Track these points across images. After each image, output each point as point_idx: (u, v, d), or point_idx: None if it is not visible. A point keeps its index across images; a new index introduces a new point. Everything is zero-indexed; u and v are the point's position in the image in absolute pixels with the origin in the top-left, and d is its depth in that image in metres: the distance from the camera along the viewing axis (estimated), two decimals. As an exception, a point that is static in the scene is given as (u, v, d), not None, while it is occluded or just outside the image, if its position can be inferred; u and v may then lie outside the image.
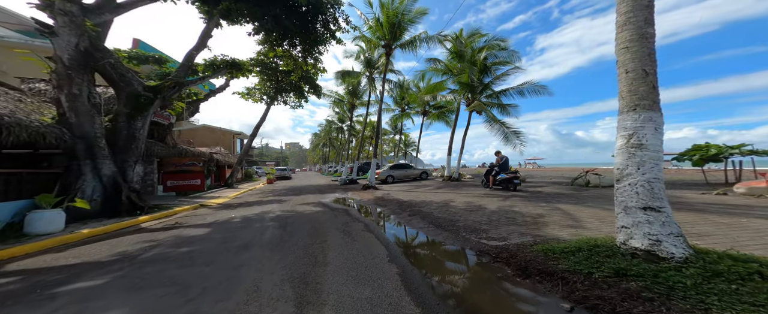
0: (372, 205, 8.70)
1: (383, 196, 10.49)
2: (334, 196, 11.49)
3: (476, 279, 3.01)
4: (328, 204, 9.03)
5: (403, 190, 12.09)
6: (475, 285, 2.84)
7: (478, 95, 12.64)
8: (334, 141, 46.65)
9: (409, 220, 5.97)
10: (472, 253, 3.68)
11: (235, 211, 8.10)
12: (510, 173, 8.63)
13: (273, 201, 10.54)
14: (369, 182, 13.40)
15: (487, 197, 8.01)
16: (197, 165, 12.09)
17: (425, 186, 13.13)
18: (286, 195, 12.71)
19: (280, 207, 8.79)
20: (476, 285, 2.84)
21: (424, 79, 17.70)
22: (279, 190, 15.39)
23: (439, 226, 5.14)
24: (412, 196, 9.71)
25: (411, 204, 8.03)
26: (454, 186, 11.69)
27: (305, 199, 10.64)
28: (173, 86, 8.66)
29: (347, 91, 23.40)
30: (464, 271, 3.24)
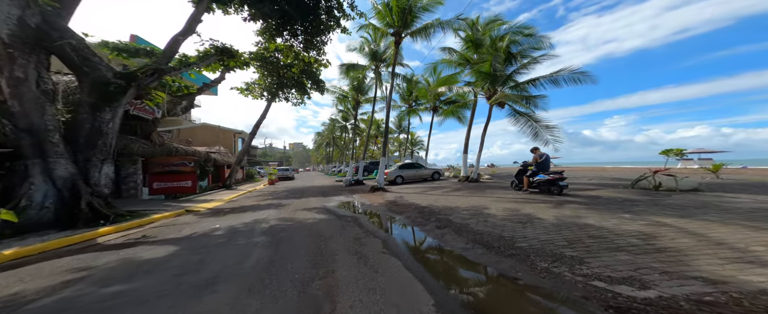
0: (385, 212, 7.23)
1: (396, 200, 9.02)
2: (339, 200, 10.04)
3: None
4: (334, 210, 7.58)
5: (416, 193, 10.61)
6: None
7: (500, 86, 11.07)
8: (337, 140, 45.23)
9: (441, 236, 4.49)
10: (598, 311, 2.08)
11: (222, 219, 6.68)
12: (553, 173, 7.05)
13: (271, 205, 9.13)
14: (377, 183, 11.94)
15: (529, 203, 6.47)
16: (188, 165, 10.75)
17: (440, 187, 11.63)
18: (287, 198, 11.31)
19: (278, 213, 7.36)
20: None
21: (435, 72, 16.20)
22: (279, 192, 14.00)
23: (489, 247, 3.66)
24: (431, 200, 8.23)
25: (433, 211, 6.54)
26: (475, 189, 10.16)
27: (307, 203, 9.21)
28: (152, 73, 7.28)
29: (351, 87, 21.97)
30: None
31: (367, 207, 8.07)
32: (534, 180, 7.55)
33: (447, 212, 6.21)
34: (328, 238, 4.54)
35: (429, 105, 19.55)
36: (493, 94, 11.20)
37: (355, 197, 10.67)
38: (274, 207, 8.56)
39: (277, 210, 7.90)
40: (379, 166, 12.43)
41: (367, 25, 14.51)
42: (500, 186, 10.57)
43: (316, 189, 15.12)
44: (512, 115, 10.94)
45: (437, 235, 4.53)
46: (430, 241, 4.35)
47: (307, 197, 11.24)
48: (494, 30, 12.57)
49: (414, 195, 9.99)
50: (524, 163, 8.37)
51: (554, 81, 9.99)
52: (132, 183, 9.35)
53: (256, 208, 8.52)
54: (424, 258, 3.67)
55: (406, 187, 13.11)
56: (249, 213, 7.53)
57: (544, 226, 4.37)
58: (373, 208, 7.88)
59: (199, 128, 24.78)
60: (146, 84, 7.19)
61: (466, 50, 13.49)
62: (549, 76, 9.95)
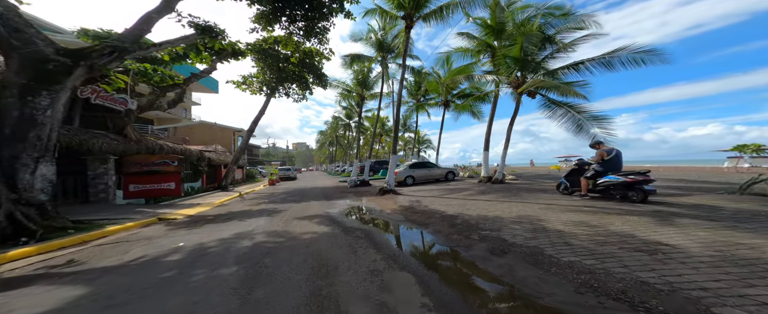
0: (403, 222, 5.60)
1: (412, 206, 7.39)
2: (344, 204, 8.44)
3: None
4: (338, 220, 5.97)
5: (434, 196, 8.95)
6: None
7: (531, 73, 9.31)
8: (340, 139, 43.66)
9: (509, 271, 2.81)
10: None
11: (195, 233, 5.10)
12: (633, 175, 5.23)
13: (263, 212, 7.55)
14: (387, 185, 10.32)
15: (609, 214, 4.67)
16: (171, 164, 9.22)
17: (460, 189, 9.96)
18: (285, 201, 9.73)
19: (268, 224, 5.77)
20: None
21: (448, 62, 14.52)
22: (278, 194, 12.44)
23: (642, 308, 2.01)
24: (458, 207, 6.58)
25: (469, 222, 4.90)
26: (505, 191, 8.44)
27: (307, 209, 7.62)
28: (110, 52, 5.72)
29: (356, 82, 20.36)
30: None
31: (378, 216, 6.44)
32: (600, 182, 5.78)
33: (489, 225, 4.55)
34: (331, 272, 2.93)
35: (440, 99, 17.87)
36: (521, 82, 9.48)
37: (363, 201, 9.06)
38: (267, 215, 6.98)
39: (269, 219, 6.32)
40: (389, 166, 10.81)
41: (374, 10, 12.89)
42: (536, 188, 8.80)
43: (319, 190, 13.53)
44: (547, 106, 9.19)
45: (502, 269, 2.87)
46: (501, 286, 2.63)
47: (307, 201, 9.65)
48: (517, 13, 10.86)
49: (432, 199, 8.34)
50: (580, 162, 6.59)
51: (607, 63, 8.02)
52: (102, 186, 7.85)
53: (245, 216, 6.94)
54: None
55: (419, 189, 11.46)
56: (233, 224, 5.95)
57: (700, 261, 2.66)
58: (386, 217, 6.25)
59: (196, 126, 23.37)
60: (102, 64, 5.63)
61: (486, 35, 11.79)
62: (600, 59, 8.04)
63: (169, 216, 6.75)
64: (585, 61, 8.50)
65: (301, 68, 16.56)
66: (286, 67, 16.53)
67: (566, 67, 8.85)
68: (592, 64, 8.24)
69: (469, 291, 2.46)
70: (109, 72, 6.45)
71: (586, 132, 8.02)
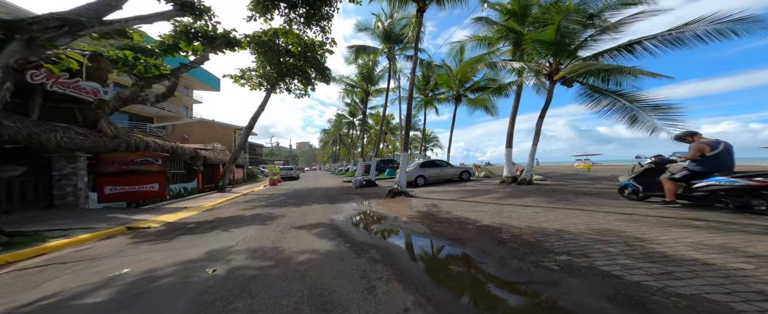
0: (429, 236, 4.31)
1: (432, 212, 6.11)
2: (350, 209, 7.17)
3: None
4: (345, 231, 4.71)
5: (454, 199, 7.65)
6: None
7: (567, 58, 7.87)
8: (344, 138, 42.42)
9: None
10: None
11: (157, 251, 3.87)
12: (762, 177, 3.77)
13: (256, 218, 6.33)
14: (398, 186, 9.04)
15: (746, 232, 3.18)
16: (154, 162, 8.05)
17: (482, 191, 8.64)
18: (283, 204, 8.52)
19: (259, 236, 4.54)
20: None
21: (461, 53, 13.20)
22: (277, 196, 11.24)
23: None
24: (494, 215, 5.27)
25: (523, 238, 3.61)
26: (542, 194, 6.99)
27: (308, 215, 6.38)
28: (58, 26, 4.51)
29: (360, 77, 19.09)
30: None
31: (393, 225, 5.16)
32: (699, 186, 4.30)
33: (560, 244, 3.25)
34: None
35: (450, 94, 16.50)
36: (554, 69, 8.10)
37: (372, 205, 7.79)
38: (259, 223, 5.75)
39: (261, 229, 5.08)
40: (399, 164, 9.53)
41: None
42: (581, 190, 7.37)
43: (322, 192, 12.30)
44: (588, 97, 7.80)
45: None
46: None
47: (309, 204, 8.42)
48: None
49: (453, 202, 7.04)
50: (658, 160, 5.11)
51: (676, 40, 6.30)
52: (69, 188, 6.70)
53: (234, 223, 5.72)
54: None
55: (433, 190, 10.15)
56: (214, 235, 4.72)
57: None
58: (403, 227, 4.96)
59: (196, 124, 22.31)
60: (46, 39, 4.42)
61: (507, 21, 10.41)
62: (666, 35, 6.34)
63: (141, 225, 5.55)
64: (644, 40, 6.87)
65: (302, 62, 15.35)
66: (287, 61, 15.33)
67: (616, 48, 7.31)
68: (654, 43, 6.65)
69: None
70: (62, 52, 5.25)
71: (643, 124, 6.58)
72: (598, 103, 7.57)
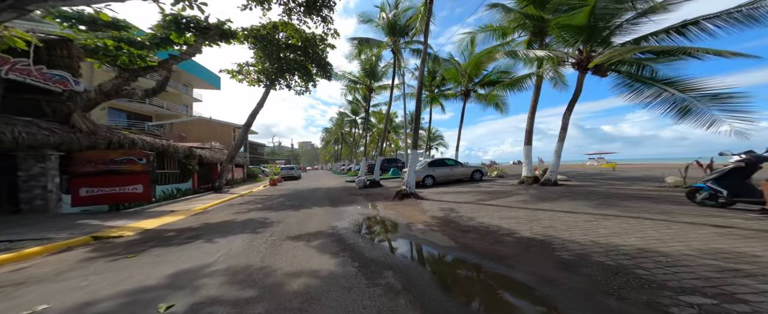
0: (457, 252, 3.40)
1: (450, 217, 5.22)
2: (355, 214, 6.28)
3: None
4: (351, 243, 3.82)
5: (472, 202, 6.74)
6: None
7: (599, 45, 6.85)
8: (346, 136, 41.55)
9: None
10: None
11: (112, 271, 3.00)
12: None
13: (248, 224, 5.47)
14: (406, 187, 8.16)
15: None
16: (137, 161, 7.20)
17: (502, 193, 7.71)
18: (281, 207, 7.66)
19: (245, 250, 3.67)
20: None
21: (472, 44, 12.26)
22: (276, 197, 10.40)
23: None
24: (530, 223, 4.36)
25: (595, 259, 2.71)
26: (579, 197, 6.04)
27: (307, 221, 5.50)
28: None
29: (363, 72, 18.18)
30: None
31: (408, 235, 4.26)
32: None
33: (660, 272, 2.33)
34: None
35: (458, 89, 15.54)
36: (585, 57, 7.11)
37: (379, 208, 6.90)
38: (250, 231, 4.88)
39: (250, 240, 4.21)
40: (409, 163, 8.63)
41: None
42: (624, 193, 6.37)
43: (323, 192, 11.44)
44: (626, 87, 6.79)
45: None
46: None
47: (309, 206, 7.55)
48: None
49: (472, 206, 6.13)
50: (752, 157, 4.11)
51: (747, 18, 5.15)
52: (38, 190, 5.86)
53: (220, 232, 4.85)
54: None
55: (444, 191, 9.24)
56: (192, 249, 3.86)
57: None
58: (421, 238, 4.06)
59: (194, 123, 21.54)
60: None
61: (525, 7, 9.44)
62: (734, 12, 5.15)
63: (111, 233, 4.69)
64: (703, 20, 5.72)
65: (303, 57, 14.50)
66: (287, 56, 14.49)
67: (664, 31, 6.20)
68: (716, 22, 5.53)
69: None
70: (5, 32, 4.40)
71: (698, 117, 5.58)
72: (640, 93, 6.56)
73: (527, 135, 9.16)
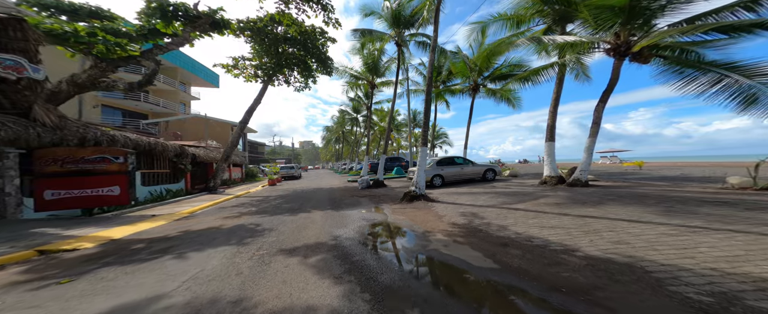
0: (507, 277, 2.50)
1: (473, 225, 4.33)
2: (360, 218, 5.38)
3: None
4: (358, 261, 2.92)
5: (493, 206, 5.85)
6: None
7: (639, 28, 5.86)
8: (347, 135, 40.61)
9: None
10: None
11: (11, 312, 2.14)
12: None
13: (234, 233, 4.59)
14: (415, 188, 7.27)
15: None
16: (113, 160, 6.30)
17: (522, 195, 6.81)
18: (277, 210, 6.79)
19: (224, 271, 2.77)
20: None
21: (483, 34, 11.33)
22: (273, 199, 9.54)
23: None
24: (587, 236, 3.45)
25: (734, 297, 1.81)
26: (621, 199, 5.26)
27: (305, 228, 4.62)
28: None
29: (366, 67, 17.26)
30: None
31: (429, 249, 3.36)
32: None
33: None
34: None
35: (466, 84, 14.61)
36: (625, 41, 6.13)
37: (387, 212, 6.01)
38: (235, 242, 4.01)
39: (232, 255, 3.34)
40: (418, 163, 7.74)
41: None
42: (684, 196, 5.35)
43: (324, 193, 10.55)
44: (677, 74, 5.82)
45: None
46: None
47: (308, 210, 6.67)
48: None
49: (496, 211, 5.23)
50: None
51: None
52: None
53: (196, 244, 3.97)
54: None
55: (456, 192, 8.34)
56: (152, 269, 2.97)
57: None
58: (446, 253, 3.16)
59: (190, 121, 20.67)
60: None
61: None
62: None
63: (63, 246, 3.81)
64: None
65: (302, 51, 13.63)
66: (286, 50, 13.61)
67: (727, 7, 5.16)
68: None
69: None
70: None
71: (766, 106, 4.66)
72: (692, 81, 5.59)
73: (549, 130, 8.23)
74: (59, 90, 6.46)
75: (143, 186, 8.86)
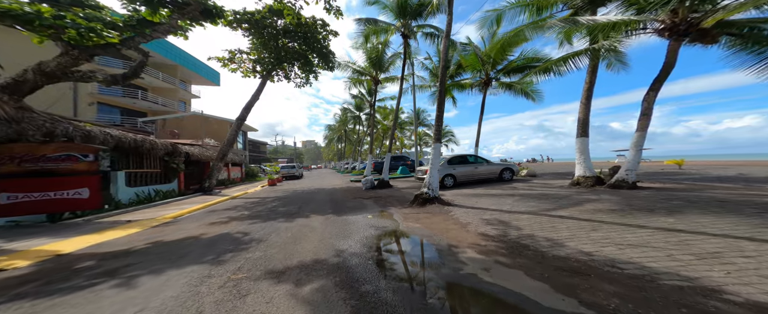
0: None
1: (510, 237, 3.39)
2: (367, 226, 4.45)
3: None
4: (369, 292, 1.98)
5: (532, 213, 4.88)
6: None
7: (702, 4, 4.80)
8: (350, 134, 39.69)
9: None
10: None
11: None
12: None
13: (215, 245, 3.69)
14: (428, 189, 6.35)
15: None
16: (81, 158, 5.41)
17: (555, 198, 5.84)
18: (272, 215, 5.90)
19: (177, 312, 1.85)
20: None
21: (498, 23, 10.34)
22: (270, 201, 8.68)
23: None
24: (709, 263, 2.49)
25: None
26: (702, 206, 4.06)
27: (300, 240, 3.70)
28: None
29: (369, 62, 16.32)
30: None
31: (464, 274, 2.43)
32: None
33: None
34: None
35: (477, 78, 13.61)
36: (683, 19, 5.08)
37: (397, 218, 5.08)
38: (210, 261, 3.10)
39: (198, 282, 2.42)
40: (431, 160, 6.80)
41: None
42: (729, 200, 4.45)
43: (326, 195, 9.65)
44: (756, 55, 4.81)
45: None
46: None
47: (306, 214, 5.78)
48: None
49: (536, 219, 4.27)
50: None
51: None
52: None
53: (157, 263, 3.07)
54: None
55: (473, 194, 7.38)
56: (70, 305, 2.07)
57: None
58: (488, 281, 2.23)
59: (188, 119, 19.94)
60: None
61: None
62: None
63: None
64: None
65: (303, 45, 12.78)
66: (285, 44, 12.76)
67: None
68: None
69: None
70: None
71: None
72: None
73: (582, 124, 7.20)
74: (24, 79, 5.64)
75: (129, 186, 8.04)
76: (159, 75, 21.38)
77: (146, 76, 20.24)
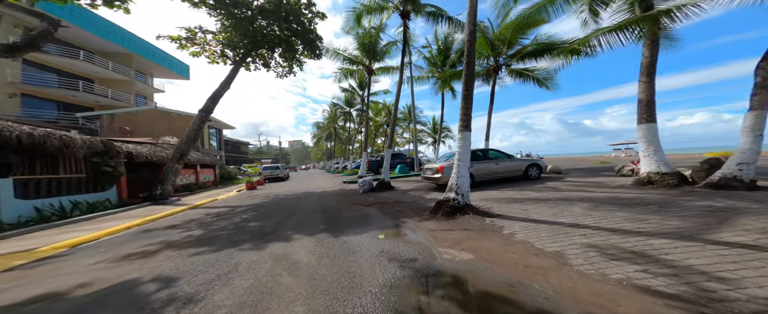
0: None
1: (683, 293, 1.67)
2: (385, 258, 2.57)
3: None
4: None
5: (623, 233, 3.26)
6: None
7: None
8: (340, 132, 37.31)
9: None
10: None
11: None
12: None
13: (97, 308, 1.67)
14: (458, 195, 4.62)
15: None
16: None
17: (630, 203, 4.24)
18: (232, 237, 3.89)
19: None
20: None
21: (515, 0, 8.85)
22: (239, 211, 6.59)
23: None
24: None
25: None
26: None
27: (268, 294, 1.78)
28: None
29: (362, 49, 14.40)
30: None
31: None
32: None
33: None
34: None
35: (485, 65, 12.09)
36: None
37: (426, 242, 3.27)
38: None
39: None
40: (458, 156, 5.02)
41: None
42: None
43: (315, 201, 7.62)
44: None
45: None
46: None
47: (287, 235, 3.84)
48: None
49: (667, 243, 2.62)
50: None
51: None
52: None
53: None
54: None
55: (508, 198, 5.71)
56: None
57: None
58: None
59: (144, 113, 16.99)
60: None
61: None
62: None
63: None
64: None
65: (284, 27, 10.69)
66: (261, 26, 10.58)
67: None
68: None
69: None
70: None
71: None
72: None
73: (647, 107, 5.61)
74: None
75: (26, 199, 5.65)
76: (108, 64, 18.15)
77: (91, 65, 17.00)
